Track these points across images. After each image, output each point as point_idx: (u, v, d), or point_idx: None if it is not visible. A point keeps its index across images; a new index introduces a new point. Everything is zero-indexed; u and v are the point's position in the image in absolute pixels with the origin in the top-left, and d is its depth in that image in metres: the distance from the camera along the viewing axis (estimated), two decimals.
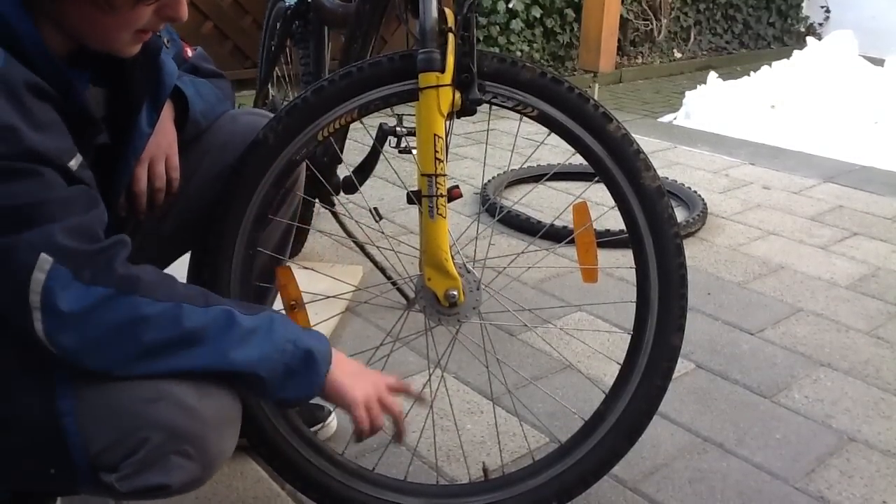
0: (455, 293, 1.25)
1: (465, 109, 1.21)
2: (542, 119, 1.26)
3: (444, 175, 1.21)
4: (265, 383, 1.00)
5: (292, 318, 1.32)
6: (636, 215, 1.28)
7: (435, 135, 1.19)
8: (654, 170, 1.28)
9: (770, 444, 1.61)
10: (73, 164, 0.94)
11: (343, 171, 2.02)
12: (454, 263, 1.25)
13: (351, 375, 1.09)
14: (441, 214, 1.22)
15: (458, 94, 1.19)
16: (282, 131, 1.25)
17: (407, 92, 1.23)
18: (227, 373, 0.98)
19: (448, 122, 1.22)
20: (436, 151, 1.19)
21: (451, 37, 1.18)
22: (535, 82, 1.24)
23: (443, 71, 1.17)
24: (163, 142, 1.20)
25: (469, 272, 1.27)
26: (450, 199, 1.24)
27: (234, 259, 1.27)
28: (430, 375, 1.77)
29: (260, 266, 1.33)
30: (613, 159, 1.27)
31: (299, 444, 1.32)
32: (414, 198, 1.24)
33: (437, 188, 1.20)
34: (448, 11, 1.21)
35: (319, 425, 1.57)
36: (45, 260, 0.88)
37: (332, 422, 1.60)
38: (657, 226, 1.27)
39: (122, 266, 0.93)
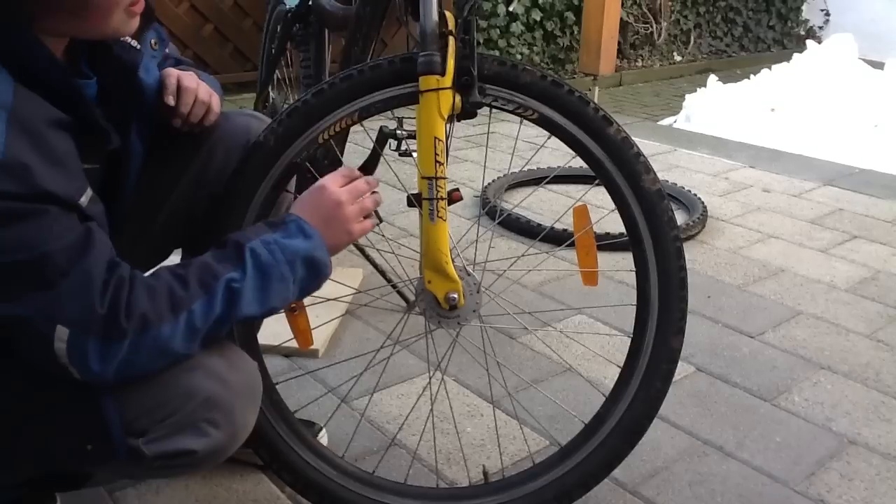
0: (455, 296, 1.25)
1: (466, 112, 1.21)
2: (543, 122, 1.26)
3: (445, 178, 1.21)
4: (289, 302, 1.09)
5: (292, 321, 1.33)
6: (636, 218, 1.28)
7: (435, 138, 1.19)
8: (654, 173, 1.29)
9: (770, 448, 1.61)
10: (84, 199, 0.95)
11: None
12: (454, 266, 1.25)
13: (336, 231, 1.17)
14: (441, 217, 1.22)
15: (458, 97, 1.19)
16: (282, 133, 1.25)
17: (407, 95, 1.23)
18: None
19: (448, 125, 1.22)
20: (436, 154, 1.20)
21: (451, 40, 1.18)
22: (536, 85, 1.24)
23: (443, 74, 1.17)
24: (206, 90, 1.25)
25: (469, 275, 1.27)
26: (450, 202, 1.24)
27: None
28: (430, 378, 1.77)
29: None
30: (613, 162, 1.27)
31: (299, 446, 1.32)
32: (414, 201, 1.24)
33: (438, 191, 1.20)
34: (448, 14, 1.22)
35: None
36: (62, 331, 0.91)
37: (323, 438, 1.58)
38: (657, 228, 1.27)
39: (128, 312, 0.94)
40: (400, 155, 1.35)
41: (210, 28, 4.47)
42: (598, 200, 3.03)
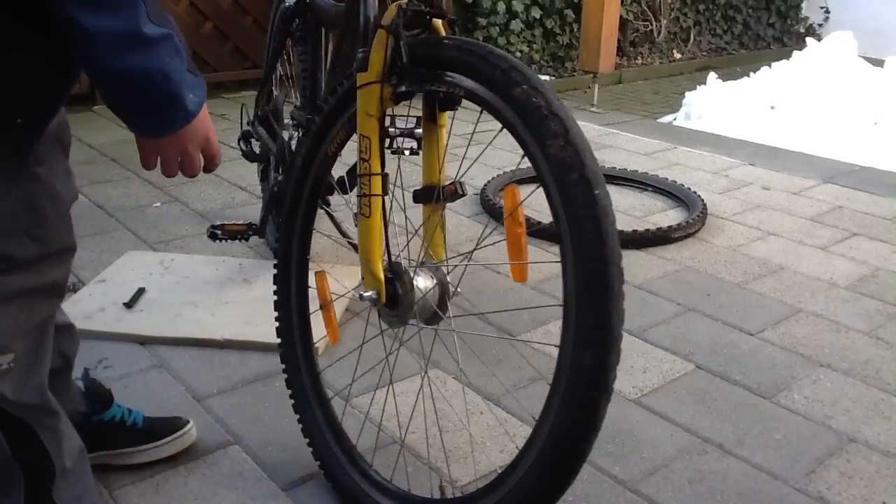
0: (371, 294, 1.24)
1: (443, 104, 1.22)
2: (470, 97, 1.11)
3: (375, 174, 1.21)
4: (113, 92, 0.95)
5: (325, 315, 1.38)
6: (551, 194, 1.04)
7: (361, 135, 1.21)
8: (566, 138, 1.02)
9: (770, 445, 1.61)
10: None
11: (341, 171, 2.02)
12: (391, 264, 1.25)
13: (175, 146, 1.01)
14: (364, 214, 1.22)
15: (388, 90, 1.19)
16: (305, 154, 1.38)
17: None
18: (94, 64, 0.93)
19: (403, 121, 1.20)
20: (360, 152, 1.21)
21: (379, 32, 1.18)
22: (456, 58, 1.11)
23: (366, 69, 1.18)
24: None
25: (405, 272, 1.24)
26: (451, 198, 1.24)
27: (293, 267, 1.49)
28: (423, 374, 1.77)
29: None
30: (525, 125, 1.06)
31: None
32: (414, 196, 1.25)
33: (363, 188, 1.21)
34: (393, 8, 1.18)
35: (177, 433, 1.52)
36: None
37: (191, 430, 1.55)
38: (570, 207, 1.02)
39: None
40: (392, 153, 1.35)
41: (210, 26, 4.47)
42: None
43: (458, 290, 1.34)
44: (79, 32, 0.88)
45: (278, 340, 1.53)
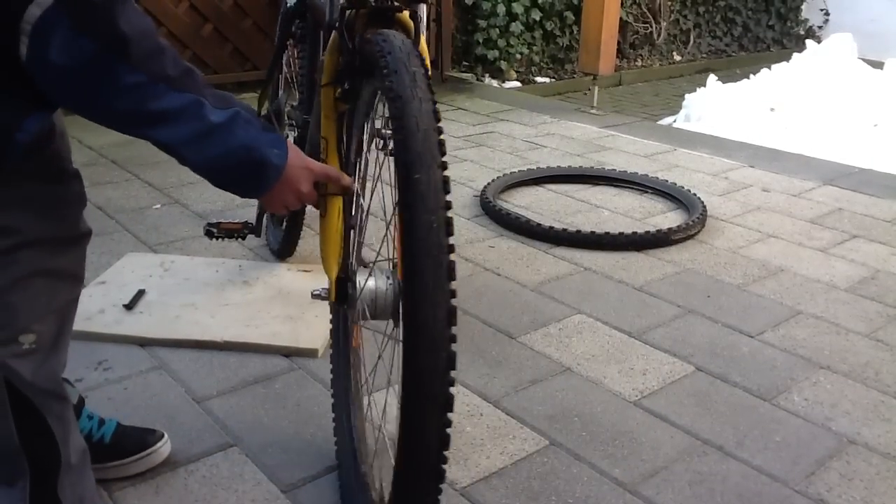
0: (320, 291, 1.28)
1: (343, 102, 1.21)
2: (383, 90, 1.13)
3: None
4: (211, 178, 1.03)
5: None
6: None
7: (321, 136, 1.23)
8: (400, 121, 1.02)
9: (770, 447, 1.61)
10: None
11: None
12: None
13: (287, 192, 1.10)
14: (322, 214, 1.25)
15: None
16: None
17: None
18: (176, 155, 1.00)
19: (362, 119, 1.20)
20: (320, 152, 1.24)
21: (333, 35, 1.18)
22: (372, 52, 1.10)
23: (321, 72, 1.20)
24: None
25: (353, 272, 1.22)
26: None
27: None
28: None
29: None
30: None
31: None
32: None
33: (320, 188, 1.22)
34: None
35: (144, 452, 1.48)
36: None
37: (161, 448, 1.49)
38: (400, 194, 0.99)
39: (120, 23, 0.88)
40: (388, 155, 1.36)
41: (209, 28, 4.47)
42: (598, 200, 3.03)
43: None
44: (159, 145, 0.97)
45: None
